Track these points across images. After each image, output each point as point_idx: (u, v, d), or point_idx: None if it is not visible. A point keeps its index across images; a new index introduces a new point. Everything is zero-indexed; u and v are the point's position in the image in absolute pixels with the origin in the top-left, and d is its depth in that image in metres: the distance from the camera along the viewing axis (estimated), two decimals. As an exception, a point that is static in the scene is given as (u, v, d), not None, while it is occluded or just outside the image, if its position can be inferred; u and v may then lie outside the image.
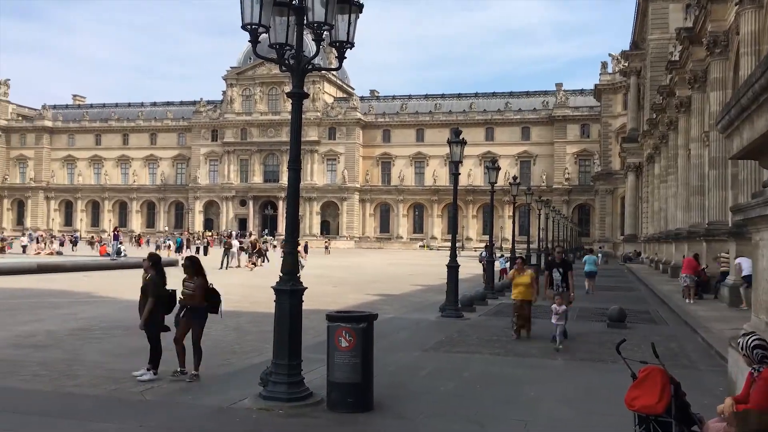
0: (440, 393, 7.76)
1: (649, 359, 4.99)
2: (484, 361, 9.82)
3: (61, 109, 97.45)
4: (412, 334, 12.41)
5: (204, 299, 8.13)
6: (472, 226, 79.08)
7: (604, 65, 68.04)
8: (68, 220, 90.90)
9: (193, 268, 8.23)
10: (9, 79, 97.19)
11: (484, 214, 76.91)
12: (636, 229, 51.22)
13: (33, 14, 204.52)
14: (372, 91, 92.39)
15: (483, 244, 36.92)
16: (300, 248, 27.28)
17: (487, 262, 21.33)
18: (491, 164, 21.23)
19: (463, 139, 15.19)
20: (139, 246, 59.88)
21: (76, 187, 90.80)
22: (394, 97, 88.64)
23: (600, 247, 60.97)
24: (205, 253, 43.79)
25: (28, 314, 13.80)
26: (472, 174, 77.52)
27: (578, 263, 25.81)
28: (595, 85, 68.62)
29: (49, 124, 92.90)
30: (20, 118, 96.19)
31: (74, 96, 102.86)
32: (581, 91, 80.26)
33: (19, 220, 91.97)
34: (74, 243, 54.96)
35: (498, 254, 26.38)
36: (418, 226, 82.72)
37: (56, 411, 6.62)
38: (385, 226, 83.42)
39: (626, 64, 56.06)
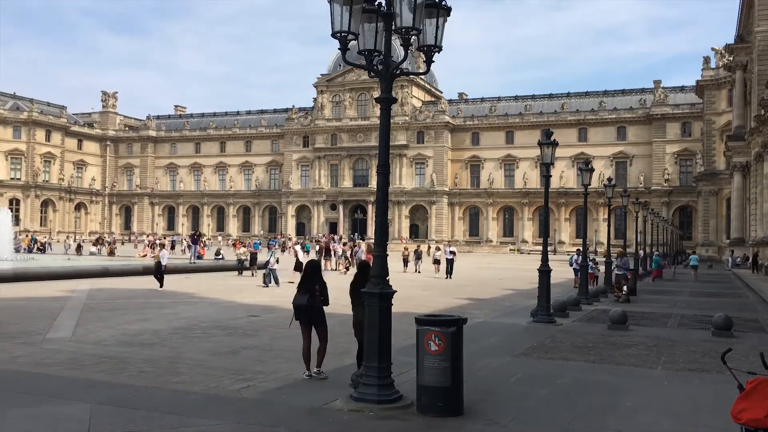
0: (532, 399, 7.60)
1: (758, 370, 4.70)
2: (578, 368, 9.53)
3: (164, 119, 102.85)
4: (503, 338, 12.24)
5: None
6: (564, 230, 77.05)
7: (706, 60, 64.59)
8: (171, 225, 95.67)
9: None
10: (117, 92, 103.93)
11: (578, 217, 74.75)
12: (743, 232, 48.23)
13: (138, 31, 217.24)
14: (460, 94, 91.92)
15: (576, 248, 35.75)
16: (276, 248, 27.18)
17: (581, 267, 20.73)
18: (584, 165, 20.62)
19: (554, 140, 14.84)
20: (236, 249, 61.99)
21: (177, 193, 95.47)
22: (482, 100, 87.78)
23: (706, 251, 58.29)
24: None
25: (136, 314, 14.62)
26: (565, 176, 75.60)
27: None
28: (697, 81, 65.19)
29: (153, 133, 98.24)
30: (127, 128, 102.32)
31: (176, 107, 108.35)
32: (681, 88, 76.53)
33: (127, 224, 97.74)
34: (173, 246, 57.53)
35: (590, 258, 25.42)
36: (508, 230, 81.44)
37: (161, 406, 6.97)
38: (474, 229, 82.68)
39: (731, 59, 52.95)
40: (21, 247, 43.67)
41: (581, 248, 21.48)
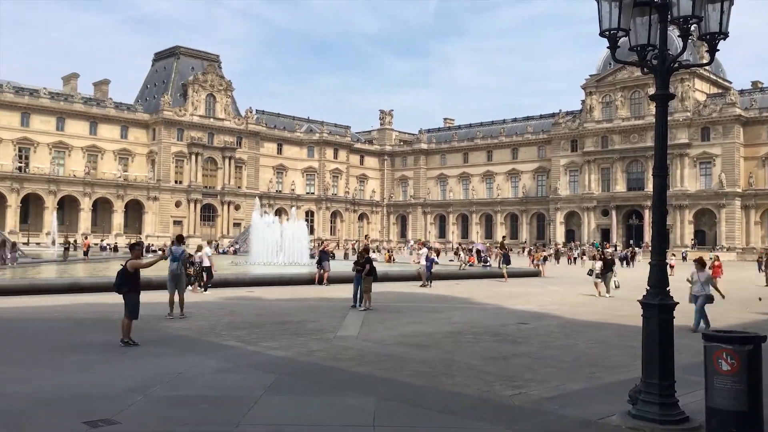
0: None
1: None
2: None
3: (434, 132, 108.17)
4: (815, 362, 10.47)
5: None
6: None
7: None
8: (442, 232, 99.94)
9: None
10: (392, 110, 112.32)
11: None
12: None
13: (418, 52, 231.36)
14: (754, 83, 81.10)
15: None
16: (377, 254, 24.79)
17: None
18: None
19: None
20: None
21: (447, 202, 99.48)
22: (784, 86, 76.55)
23: None
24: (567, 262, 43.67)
25: (411, 317, 15.54)
26: None
27: None
28: None
29: (424, 146, 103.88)
30: (401, 143, 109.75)
31: (445, 119, 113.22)
32: None
33: (402, 232, 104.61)
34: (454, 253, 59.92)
35: None
36: (822, 235, 69.52)
37: (437, 405, 7.32)
38: (776, 235, 72.19)
39: None
40: (314, 253, 49.24)
41: None
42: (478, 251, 45.49)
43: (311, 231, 74.23)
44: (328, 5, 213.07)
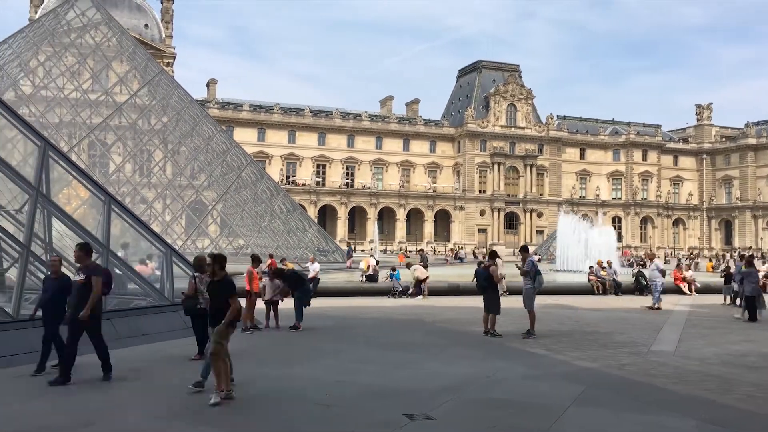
0: None
1: None
2: None
3: (765, 125, 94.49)
4: None
5: None
6: None
7: None
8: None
9: None
10: (711, 103, 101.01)
11: None
12: None
13: (754, 38, 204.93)
14: None
15: None
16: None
17: None
18: None
19: None
20: None
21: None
22: None
23: None
24: None
25: (739, 334, 13.86)
26: None
27: None
28: None
29: (752, 141, 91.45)
30: (723, 139, 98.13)
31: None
32: None
33: (727, 239, 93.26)
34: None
35: None
36: None
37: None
38: None
39: None
40: (624, 260, 46.70)
41: None
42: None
43: (619, 238, 70.41)
44: (645, 1, 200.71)
